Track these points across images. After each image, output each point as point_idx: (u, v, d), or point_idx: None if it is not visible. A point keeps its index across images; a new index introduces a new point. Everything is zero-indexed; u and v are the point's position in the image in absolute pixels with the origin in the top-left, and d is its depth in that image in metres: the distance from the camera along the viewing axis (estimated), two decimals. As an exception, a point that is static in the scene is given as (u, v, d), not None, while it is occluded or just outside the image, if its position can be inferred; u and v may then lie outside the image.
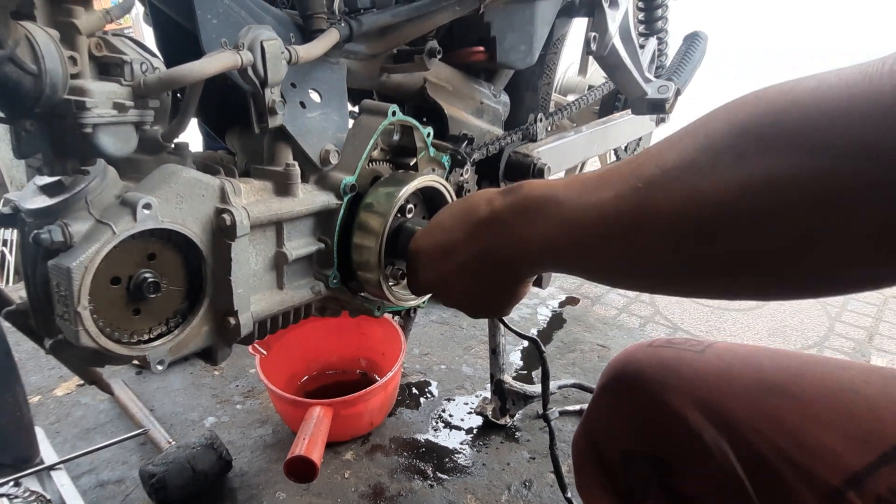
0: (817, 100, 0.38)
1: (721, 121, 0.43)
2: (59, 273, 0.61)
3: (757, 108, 0.41)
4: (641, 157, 0.50)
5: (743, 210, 0.40)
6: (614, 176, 0.51)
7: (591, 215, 0.52)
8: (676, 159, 0.45)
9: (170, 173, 0.68)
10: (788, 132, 0.38)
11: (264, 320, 0.81)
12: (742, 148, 0.40)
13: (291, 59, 0.74)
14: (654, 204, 0.45)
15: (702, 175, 0.42)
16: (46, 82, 0.56)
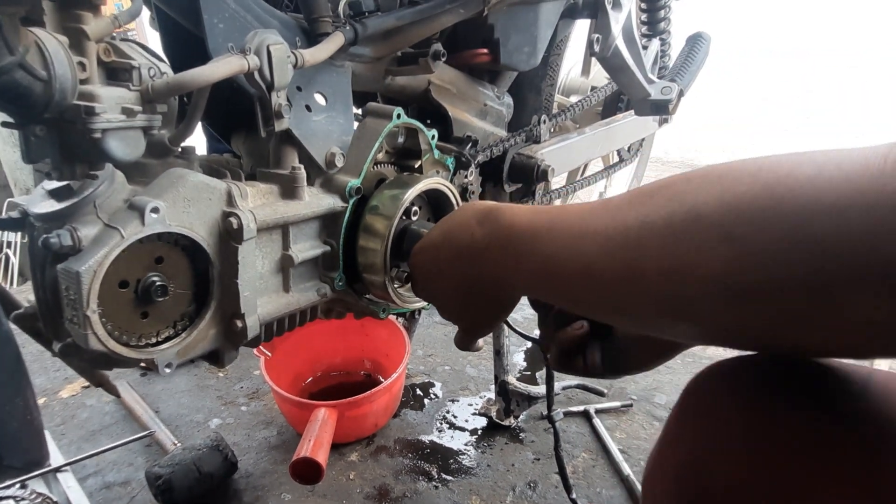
0: (816, 190, 0.37)
1: (712, 194, 0.42)
2: (69, 277, 0.61)
3: (751, 190, 0.40)
4: (625, 207, 0.49)
5: (730, 289, 0.41)
6: (598, 223, 0.50)
7: (575, 267, 0.52)
8: (663, 225, 0.44)
9: (177, 177, 0.68)
10: (783, 222, 0.38)
11: (271, 323, 0.81)
12: (733, 229, 0.40)
13: (297, 63, 0.74)
14: (641, 270, 0.45)
15: (689, 248, 0.42)
16: (56, 88, 0.56)
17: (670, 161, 3.80)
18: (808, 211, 0.37)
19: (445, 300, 0.76)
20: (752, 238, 0.39)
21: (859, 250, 0.35)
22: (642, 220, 0.46)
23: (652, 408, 1.51)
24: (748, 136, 4.43)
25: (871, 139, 1.37)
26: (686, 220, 0.43)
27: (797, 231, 0.37)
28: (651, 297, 0.46)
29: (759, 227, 0.39)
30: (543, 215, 0.57)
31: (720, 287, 0.41)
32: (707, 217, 0.42)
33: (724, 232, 0.40)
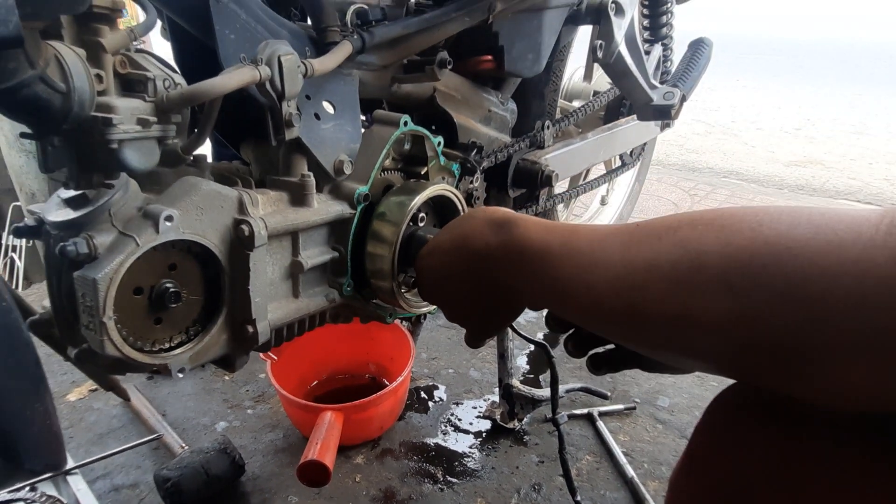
0: (812, 253, 0.39)
1: (714, 244, 0.44)
2: (85, 284, 0.63)
3: (752, 245, 0.42)
4: (633, 244, 0.51)
5: (731, 339, 0.43)
6: (608, 257, 0.53)
7: (584, 298, 0.54)
8: (669, 270, 0.47)
9: (190, 186, 0.70)
10: (781, 280, 0.40)
11: (281, 328, 0.83)
12: (734, 281, 0.42)
13: (307, 73, 0.75)
14: (646, 312, 0.48)
15: (692, 296, 0.44)
16: (75, 100, 0.57)
17: (671, 164, 3.81)
18: (804, 272, 0.39)
19: (454, 304, 0.77)
20: (752, 292, 0.41)
21: (849, 317, 0.37)
22: (650, 263, 0.48)
23: (655, 410, 1.52)
24: (747, 140, 4.44)
25: (870, 140, 1.37)
26: (690, 268, 0.45)
27: (793, 290, 0.39)
28: (657, 337, 0.49)
29: (758, 282, 0.41)
30: (557, 235, 0.59)
31: (721, 336, 0.44)
32: (710, 267, 0.44)
33: (726, 283, 0.43)
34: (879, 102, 5.73)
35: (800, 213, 0.42)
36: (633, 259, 0.50)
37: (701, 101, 5.55)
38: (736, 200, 3.00)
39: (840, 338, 0.38)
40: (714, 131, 4.69)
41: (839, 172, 3.63)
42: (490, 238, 0.66)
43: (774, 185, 3.42)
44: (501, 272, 0.65)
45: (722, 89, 6.23)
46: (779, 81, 6.92)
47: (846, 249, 0.38)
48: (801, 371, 0.40)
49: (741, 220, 0.44)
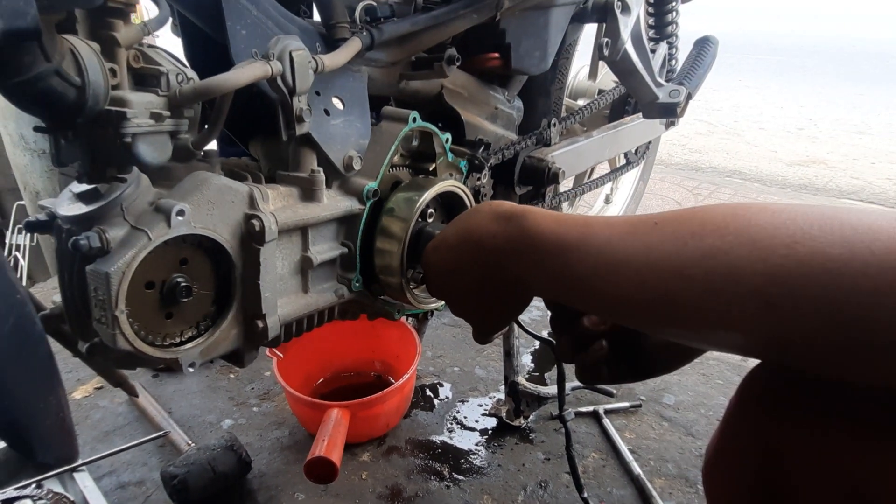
0: (851, 274, 0.40)
1: (748, 259, 0.45)
2: (98, 278, 0.63)
3: (787, 263, 0.43)
4: (655, 243, 0.52)
5: (768, 343, 0.46)
6: (630, 255, 0.53)
7: (608, 296, 0.55)
8: (702, 282, 0.48)
9: (202, 180, 0.70)
10: (819, 299, 0.42)
11: (290, 323, 0.83)
12: (773, 300, 0.43)
13: (318, 68, 0.76)
14: (681, 316, 0.50)
15: (730, 306, 0.46)
16: (89, 94, 0.57)
17: (674, 164, 3.81)
18: (843, 295, 0.41)
19: (460, 298, 0.77)
20: (792, 311, 0.43)
21: (891, 337, 0.39)
22: (680, 271, 0.49)
23: (661, 408, 1.52)
24: (750, 140, 4.44)
25: (872, 139, 1.37)
26: (726, 280, 0.46)
27: (833, 312, 0.41)
28: (690, 334, 0.51)
29: (797, 303, 0.42)
30: (571, 229, 0.59)
31: (761, 341, 0.46)
32: (746, 282, 0.45)
33: (764, 300, 0.44)
34: (882, 102, 5.72)
35: (832, 226, 0.43)
36: (659, 263, 0.50)
37: (704, 101, 5.54)
38: (739, 199, 3.00)
39: (878, 354, 0.40)
40: (717, 131, 4.69)
41: (842, 172, 3.62)
42: (497, 230, 0.66)
43: (777, 184, 3.41)
44: (509, 264, 0.65)
45: (724, 89, 6.23)
46: (781, 81, 6.92)
47: (885, 272, 0.39)
48: (837, 367, 0.43)
49: (772, 235, 0.45)
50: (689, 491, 1.27)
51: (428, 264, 0.81)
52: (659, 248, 0.51)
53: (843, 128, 4.76)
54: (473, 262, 0.70)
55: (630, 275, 0.52)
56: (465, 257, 0.72)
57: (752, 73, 7.42)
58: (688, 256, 0.49)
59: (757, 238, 0.45)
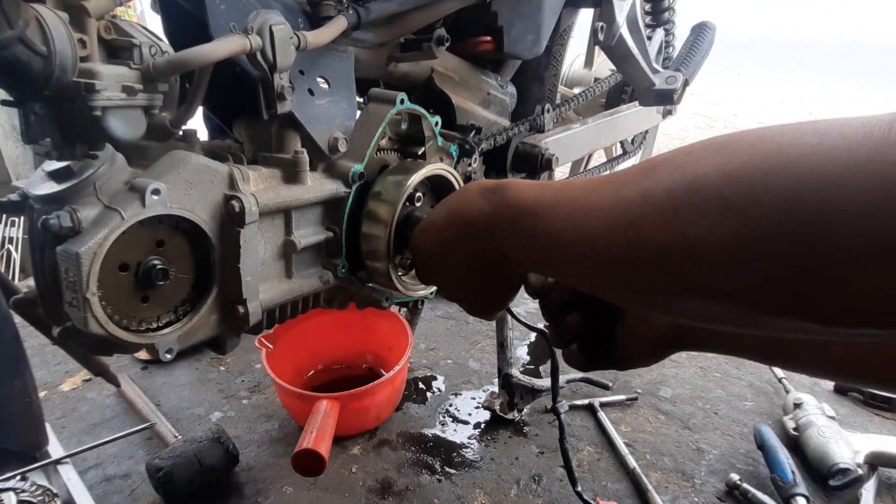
0: (817, 160, 0.36)
1: (711, 165, 0.41)
2: (68, 259, 0.61)
3: (751, 161, 0.39)
4: (628, 182, 0.48)
5: (730, 262, 0.40)
6: (602, 200, 0.50)
7: (579, 246, 0.51)
8: (664, 198, 0.43)
9: (179, 159, 0.67)
10: (782, 193, 0.37)
11: (273, 309, 0.81)
12: (732, 201, 0.39)
13: (300, 45, 0.73)
14: (644, 246, 0.45)
15: (689, 222, 0.41)
16: (56, 64, 0.55)
17: (673, 158, 3.79)
18: (807, 181, 0.36)
19: (450, 280, 0.74)
20: (752, 210, 0.38)
21: (859, 224, 0.34)
22: (643, 195, 0.45)
23: (657, 401, 1.50)
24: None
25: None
26: (687, 192, 0.42)
27: (796, 202, 0.36)
28: (657, 276, 0.46)
29: (758, 198, 0.38)
30: (549, 190, 0.56)
31: (723, 263, 0.40)
32: (706, 188, 0.41)
33: (723, 204, 0.39)
34: (882, 97, 5.70)
35: (804, 124, 0.39)
36: (628, 195, 0.47)
37: (703, 95, 5.52)
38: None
39: (850, 248, 0.34)
40: (716, 125, 4.66)
41: (841, 166, 3.60)
42: (483, 205, 0.63)
43: (776, 178, 3.39)
44: (495, 241, 0.63)
45: (724, 83, 6.20)
46: (781, 75, 6.90)
47: (854, 151, 0.34)
48: (809, 293, 0.37)
49: (740, 139, 0.41)
50: (686, 485, 1.25)
51: (416, 248, 0.78)
52: (630, 182, 0.48)
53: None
54: (463, 239, 0.68)
55: (600, 216, 0.49)
56: (453, 237, 0.69)
57: (751, 67, 7.39)
58: (655, 179, 0.45)
59: (725, 144, 0.42)
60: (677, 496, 1.22)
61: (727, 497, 1.22)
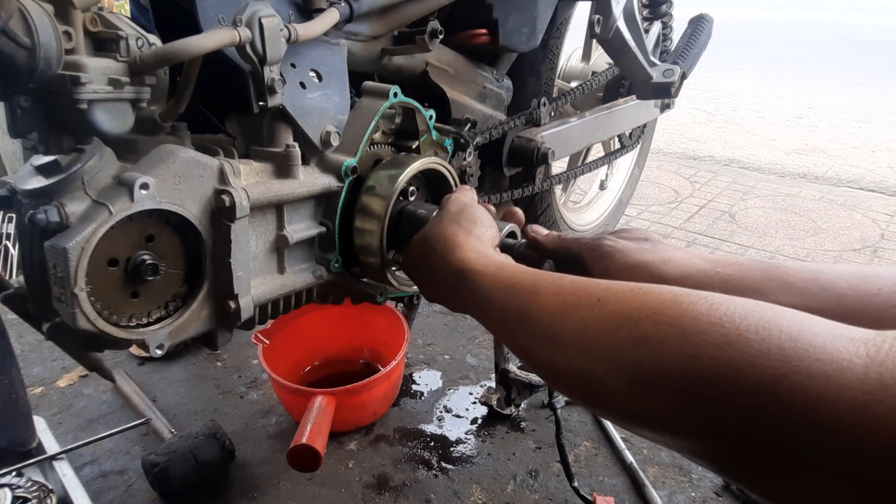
0: (783, 392, 0.37)
1: (676, 353, 0.42)
2: (56, 253, 0.60)
3: (718, 367, 0.40)
4: (593, 324, 0.50)
5: (695, 443, 0.42)
6: (564, 333, 0.52)
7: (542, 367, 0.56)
8: (628, 368, 0.45)
9: (167, 153, 0.67)
10: (748, 410, 0.38)
11: (265, 304, 0.80)
12: (699, 400, 0.40)
13: (290, 37, 0.72)
14: (606, 403, 0.48)
15: (655, 401, 0.43)
16: (40, 56, 0.54)
17: (672, 152, 3.78)
18: (775, 419, 0.37)
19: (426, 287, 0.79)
20: (720, 414, 0.39)
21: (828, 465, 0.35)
22: (609, 356, 0.47)
23: (654, 396, 1.50)
24: (748, 129, 4.40)
25: (873, 128, 1.34)
26: (653, 373, 0.44)
27: (760, 429, 0.37)
28: (615, 419, 0.50)
29: (726, 408, 0.39)
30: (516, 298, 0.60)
31: (685, 440, 0.43)
32: (673, 379, 0.42)
33: (691, 399, 0.41)
34: (882, 90, 5.69)
35: (769, 332, 0.39)
36: (593, 344, 0.49)
37: (702, 90, 5.51)
38: (736, 187, 2.97)
39: (809, 469, 0.36)
40: (715, 120, 4.65)
41: (841, 160, 3.59)
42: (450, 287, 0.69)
43: (776, 172, 3.38)
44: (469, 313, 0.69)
45: (723, 78, 6.19)
46: (780, 70, 6.87)
47: (822, 402, 0.35)
48: (768, 484, 0.39)
49: (706, 331, 0.42)
50: (683, 480, 1.25)
51: (405, 255, 0.81)
52: (594, 328, 0.50)
53: (843, 116, 4.72)
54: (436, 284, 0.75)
55: (565, 350, 0.52)
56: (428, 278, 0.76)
57: (751, 61, 7.37)
58: (619, 341, 0.47)
59: (689, 332, 0.42)
60: (674, 491, 1.22)
61: (724, 492, 1.22)
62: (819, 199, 2.82)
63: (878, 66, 7.11)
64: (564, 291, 0.56)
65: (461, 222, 0.74)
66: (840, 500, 0.35)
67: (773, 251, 2.29)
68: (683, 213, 2.67)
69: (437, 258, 0.71)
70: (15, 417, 1.07)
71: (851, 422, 0.34)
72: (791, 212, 2.66)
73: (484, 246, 0.71)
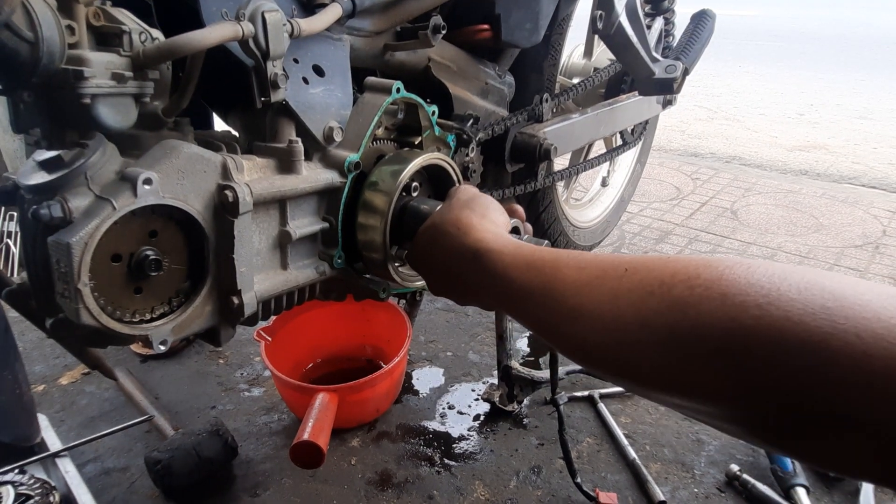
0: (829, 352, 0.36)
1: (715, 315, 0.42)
2: (59, 249, 0.60)
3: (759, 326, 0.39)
4: (623, 293, 0.49)
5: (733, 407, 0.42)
6: (594, 305, 0.51)
7: (570, 342, 0.54)
8: (665, 335, 0.44)
9: (171, 148, 0.66)
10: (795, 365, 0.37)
11: (268, 300, 0.80)
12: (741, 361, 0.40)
13: (293, 32, 0.72)
14: (641, 372, 0.47)
15: (692, 365, 0.43)
16: (43, 50, 0.54)
17: (673, 149, 3.77)
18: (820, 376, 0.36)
19: (434, 281, 0.78)
20: (762, 371, 0.39)
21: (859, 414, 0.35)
22: (643, 321, 0.46)
23: (656, 392, 1.49)
24: (750, 126, 4.40)
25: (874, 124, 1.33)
26: (691, 336, 0.43)
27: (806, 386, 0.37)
28: (648, 391, 0.48)
29: (769, 364, 0.38)
30: (538, 276, 0.58)
31: (717, 397, 0.42)
32: (712, 340, 0.41)
33: (731, 359, 0.40)
34: (884, 87, 5.67)
35: (812, 291, 0.39)
36: (624, 313, 0.48)
37: (703, 87, 5.50)
38: (738, 184, 2.96)
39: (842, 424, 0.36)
40: (716, 117, 4.64)
41: (843, 157, 3.58)
42: (468, 274, 0.68)
43: (777, 169, 3.38)
44: (478, 299, 0.69)
45: (724, 75, 6.18)
46: (782, 67, 6.86)
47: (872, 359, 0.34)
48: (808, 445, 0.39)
49: (745, 291, 0.41)
50: (686, 476, 1.25)
51: (413, 246, 0.80)
52: (625, 297, 0.48)
53: (845, 113, 4.71)
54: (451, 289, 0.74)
55: (594, 324, 0.50)
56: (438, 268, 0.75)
57: (752, 58, 7.36)
58: (653, 307, 0.46)
59: (728, 293, 0.42)
60: (677, 487, 1.22)
61: (727, 488, 1.21)
62: (821, 195, 2.81)
63: (879, 62, 7.10)
64: (588, 265, 0.54)
65: (474, 207, 0.73)
66: (888, 458, 0.35)
67: (774, 248, 2.29)
68: (685, 210, 2.67)
69: (451, 241, 0.70)
70: (19, 413, 1.08)
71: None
72: (793, 208, 2.66)
73: (499, 228, 0.70)
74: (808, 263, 2.16)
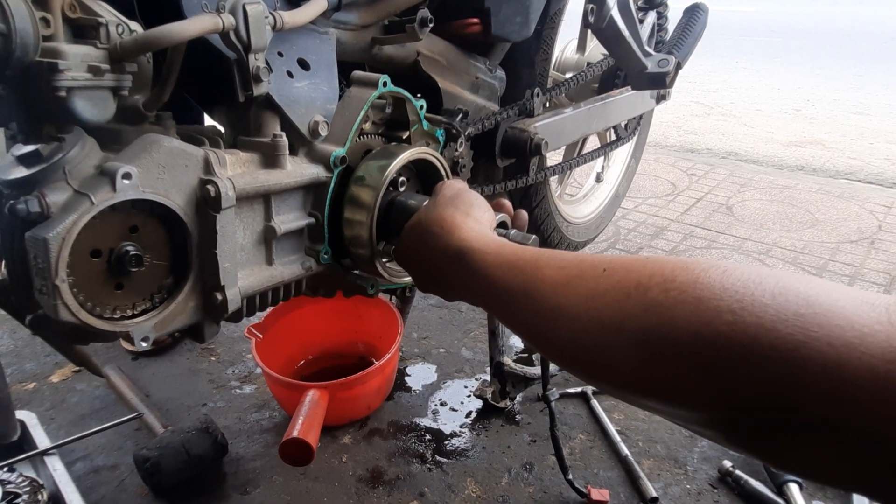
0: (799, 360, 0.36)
1: (689, 319, 0.41)
2: (36, 244, 0.59)
3: (732, 333, 0.39)
4: (600, 294, 0.49)
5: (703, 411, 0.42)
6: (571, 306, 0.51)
7: (546, 342, 0.55)
8: (639, 337, 0.44)
9: (151, 142, 0.66)
10: (767, 372, 0.37)
11: (253, 296, 0.79)
12: (712, 369, 0.40)
13: (276, 25, 0.71)
14: (613, 373, 0.47)
15: (664, 369, 0.43)
16: (17, 42, 0.53)
17: (669, 145, 3.76)
18: (793, 384, 0.36)
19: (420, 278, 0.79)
20: (733, 378, 0.39)
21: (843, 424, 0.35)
22: (618, 324, 0.46)
23: (650, 388, 1.49)
24: (746, 122, 4.39)
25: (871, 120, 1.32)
26: (663, 342, 0.43)
27: (780, 395, 0.37)
28: (621, 393, 0.49)
29: (740, 373, 0.38)
30: (518, 275, 0.58)
31: (693, 409, 0.42)
32: (686, 345, 0.41)
33: (703, 365, 0.40)
34: (880, 82, 5.67)
35: (786, 297, 0.38)
36: (601, 315, 0.48)
37: (699, 83, 5.49)
38: (734, 180, 2.95)
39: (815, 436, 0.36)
40: (713, 113, 4.63)
41: (839, 152, 3.58)
42: (451, 274, 0.68)
43: (773, 164, 3.37)
44: (460, 296, 0.70)
45: (721, 71, 6.17)
46: (778, 62, 6.85)
47: (847, 370, 0.34)
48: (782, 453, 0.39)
49: (720, 296, 0.41)
50: (678, 472, 1.24)
51: (399, 243, 0.79)
52: (602, 298, 0.48)
53: (842, 108, 4.71)
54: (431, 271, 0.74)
55: (572, 324, 0.50)
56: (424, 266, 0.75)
57: (748, 54, 7.35)
58: (629, 310, 0.46)
59: (703, 297, 0.41)
60: (670, 483, 1.21)
61: (720, 484, 1.21)
62: (817, 190, 2.81)
63: (876, 57, 7.09)
64: (568, 265, 0.54)
65: (458, 205, 0.73)
66: (860, 468, 0.35)
67: (770, 243, 2.28)
68: (680, 206, 2.66)
69: (435, 241, 0.70)
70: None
71: (874, 391, 0.33)
72: (788, 204, 2.65)
73: (482, 227, 0.70)
74: (803, 259, 2.16)
